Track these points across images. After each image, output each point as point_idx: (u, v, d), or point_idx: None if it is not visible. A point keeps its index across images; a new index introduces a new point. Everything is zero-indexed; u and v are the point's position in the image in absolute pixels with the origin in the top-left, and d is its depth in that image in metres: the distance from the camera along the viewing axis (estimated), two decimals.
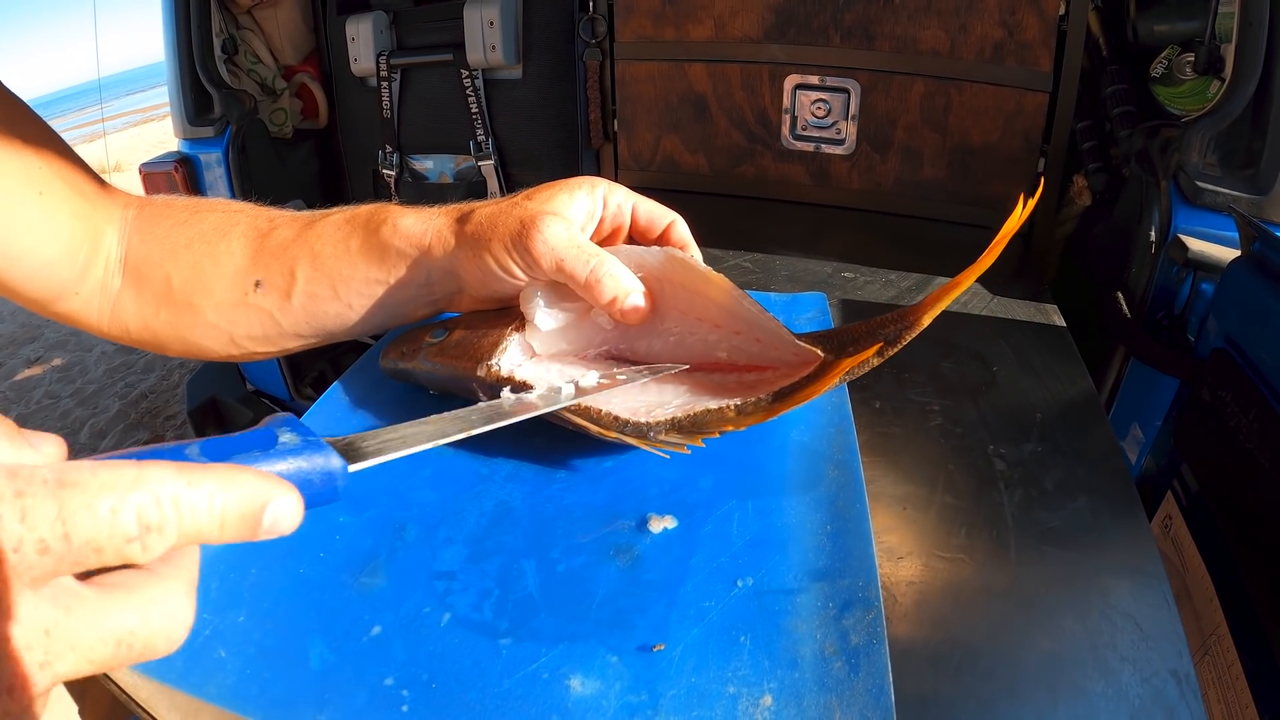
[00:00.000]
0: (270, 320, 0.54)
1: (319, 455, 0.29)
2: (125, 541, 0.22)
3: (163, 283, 0.54)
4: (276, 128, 1.64)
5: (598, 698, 0.36)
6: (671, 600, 0.40)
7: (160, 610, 0.24)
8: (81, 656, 0.22)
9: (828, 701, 0.35)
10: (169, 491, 0.22)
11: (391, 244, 0.52)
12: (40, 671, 0.21)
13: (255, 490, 0.25)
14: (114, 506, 0.21)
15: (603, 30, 1.30)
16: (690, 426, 0.47)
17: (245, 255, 0.53)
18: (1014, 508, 0.49)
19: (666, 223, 0.53)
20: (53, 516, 0.20)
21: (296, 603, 0.42)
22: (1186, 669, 0.39)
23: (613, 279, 0.48)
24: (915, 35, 1.09)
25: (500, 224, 0.49)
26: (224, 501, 0.24)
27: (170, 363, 3.13)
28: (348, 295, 0.53)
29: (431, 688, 0.37)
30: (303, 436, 0.30)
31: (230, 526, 0.24)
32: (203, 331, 0.55)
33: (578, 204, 0.51)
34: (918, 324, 0.45)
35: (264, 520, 0.25)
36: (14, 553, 0.20)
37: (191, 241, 0.54)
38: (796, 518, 0.45)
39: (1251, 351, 0.66)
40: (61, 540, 0.21)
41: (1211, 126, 0.88)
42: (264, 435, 0.29)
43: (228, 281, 0.53)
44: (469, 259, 0.50)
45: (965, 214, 1.13)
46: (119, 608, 0.23)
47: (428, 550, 0.45)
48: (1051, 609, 0.42)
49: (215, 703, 0.37)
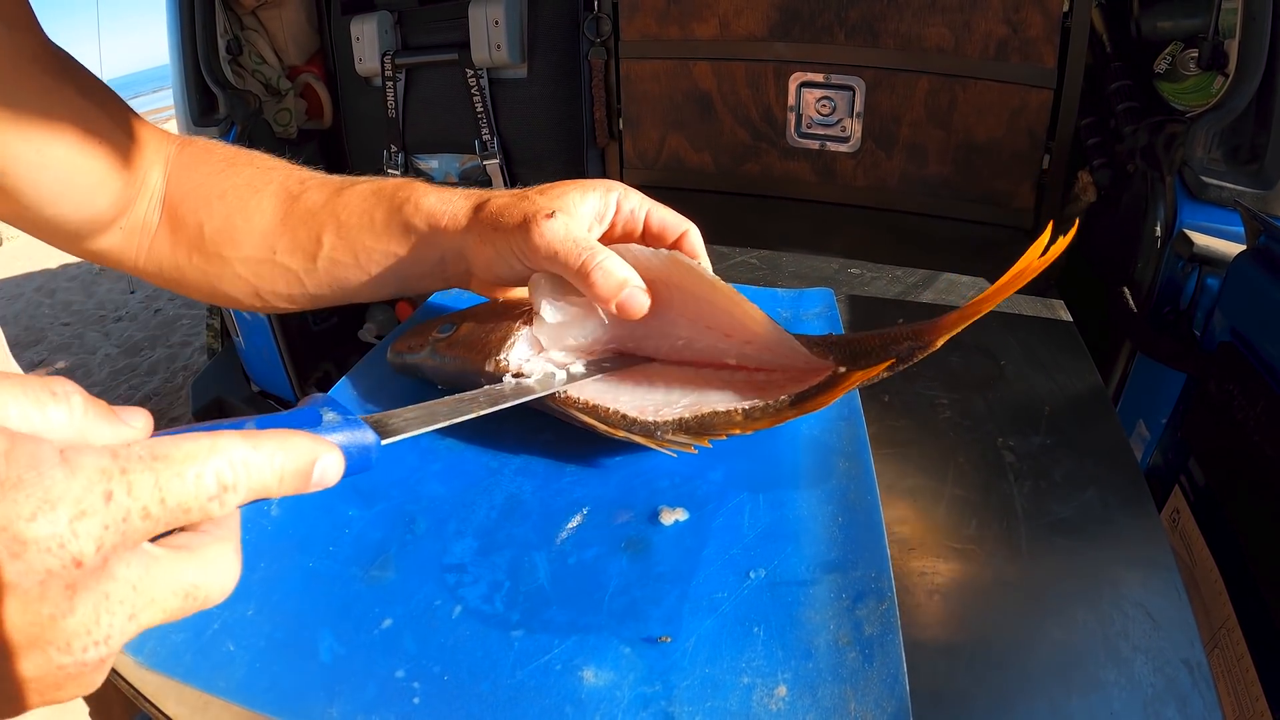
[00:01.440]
0: (295, 279, 0.57)
1: (356, 430, 0.33)
2: (207, 500, 0.25)
3: (195, 229, 0.56)
4: (281, 128, 1.64)
5: (611, 689, 0.36)
6: (684, 592, 0.40)
7: (216, 566, 0.27)
8: (159, 608, 0.25)
9: (842, 691, 0.35)
10: (239, 455, 0.26)
11: (412, 222, 0.54)
12: (129, 622, 0.24)
13: (307, 449, 0.29)
14: (198, 472, 0.25)
15: (607, 29, 1.30)
16: (697, 427, 0.47)
17: (275, 215, 0.56)
18: (1024, 499, 0.49)
19: (680, 232, 0.54)
20: (151, 485, 0.24)
21: (306, 596, 0.42)
22: (1199, 658, 0.39)
23: (606, 271, 0.48)
24: (920, 32, 1.09)
25: (509, 214, 0.51)
26: (282, 460, 0.28)
27: (173, 365, 3.14)
28: (368, 264, 0.55)
29: (443, 680, 0.37)
30: (342, 415, 0.34)
31: (288, 480, 0.28)
32: (230, 282, 0.57)
33: (588, 203, 0.52)
34: (931, 345, 0.45)
35: (314, 474, 0.29)
36: (123, 522, 0.23)
37: (225, 193, 0.56)
38: (808, 510, 0.45)
39: (1258, 344, 0.66)
40: (159, 505, 0.24)
41: (1215, 122, 0.88)
42: (309, 414, 0.33)
43: (257, 238, 0.56)
44: (477, 244, 0.52)
45: (970, 210, 1.13)
46: (185, 565, 0.26)
47: (438, 543, 0.45)
48: (1063, 599, 0.42)
49: (224, 697, 0.37)
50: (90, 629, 0.23)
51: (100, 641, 0.23)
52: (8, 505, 0.21)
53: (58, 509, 0.22)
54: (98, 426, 0.25)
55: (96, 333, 3.67)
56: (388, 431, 0.38)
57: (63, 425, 0.24)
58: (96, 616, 0.23)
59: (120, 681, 0.39)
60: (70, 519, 0.22)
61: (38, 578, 0.22)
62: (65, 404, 0.25)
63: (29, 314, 4.06)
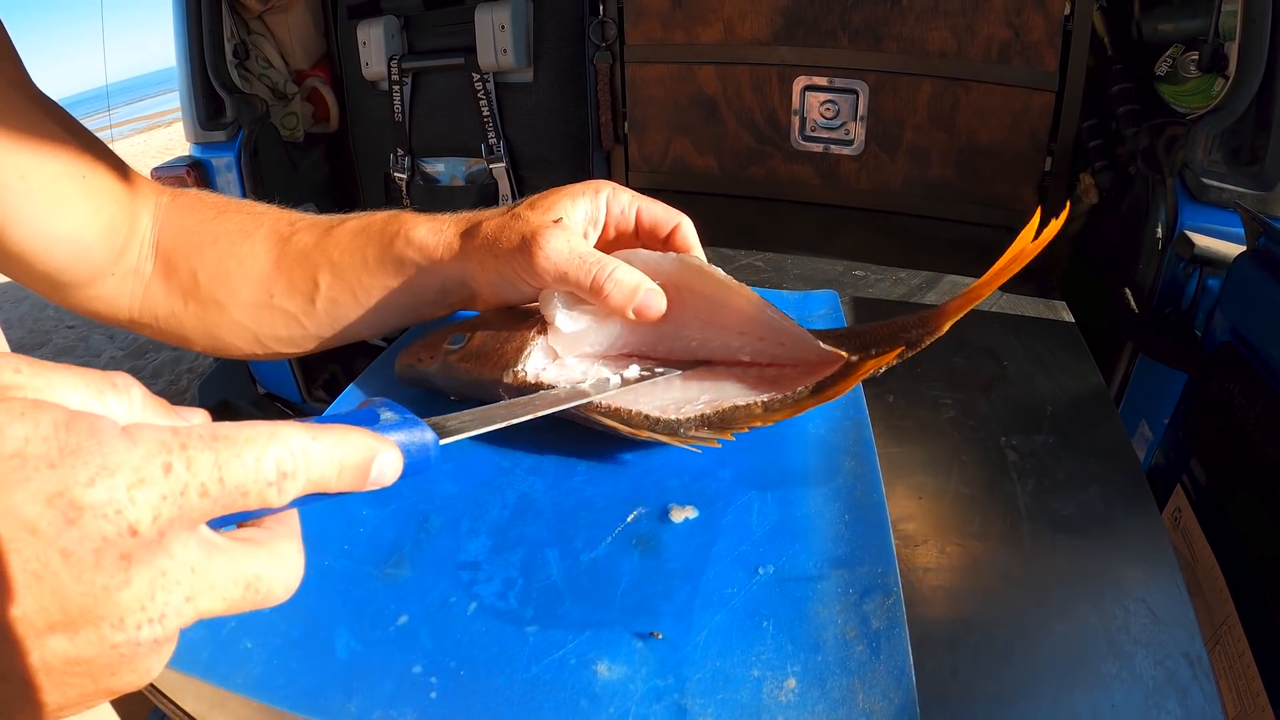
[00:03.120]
0: (295, 322, 0.56)
1: (415, 430, 0.33)
2: (266, 485, 0.25)
3: (189, 275, 0.55)
4: (288, 132, 1.65)
5: (624, 682, 0.37)
6: (695, 588, 0.41)
7: (281, 561, 0.27)
8: (218, 595, 0.25)
9: (850, 684, 0.36)
10: (299, 444, 0.26)
11: (406, 256, 0.53)
12: (186, 604, 0.24)
13: (366, 445, 0.29)
14: (258, 456, 0.25)
15: (613, 33, 1.31)
16: (719, 422, 0.47)
17: (269, 258, 0.55)
18: (1027, 497, 0.50)
19: (672, 225, 0.54)
20: (210, 463, 0.23)
21: (322, 594, 0.42)
22: (1199, 651, 0.39)
23: (618, 282, 0.48)
24: (922, 36, 1.10)
25: (504, 238, 0.50)
26: (342, 454, 0.27)
27: (178, 368, 3.15)
28: (367, 302, 0.55)
29: (459, 675, 0.37)
30: (401, 415, 0.33)
31: (346, 475, 0.28)
32: (229, 329, 0.56)
33: (579, 210, 0.52)
34: (938, 329, 0.46)
35: (372, 471, 0.29)
36: (180, 496, 0.23)
37: (217, 239, 0.55)
38: (815, 508, 0.46)
39: (1258, 344, 0.67)
40: (218, 484, 0.24)
41: (1216, 124, 0.89)
42: (368, 413, 0.33)
43: (253, 283, 0.55)
44: (479, 271, 0.52)
45: (973, 213, 1.13)
46: (249, 556, 0.26)
47: (452, 541, 0.45)
48: (1066, 594, 0.43)
49: (242, 693, 0.37)
50: (145, 604, 0.23)
51: (155, 619, 0.23)
52: (65, 471, 0.21)
53: (116, 475, 0.22)
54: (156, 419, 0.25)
55: (101, 335, 3.68)
56: (446, 432, 0.37)
57: (122, 415, 0.24)
58: (152, 592, 0.23)
59: None
60: (129, 486, 0.22)
61: (93, 545, 0.21)
62: (125, 395, 0.25)
63: (34, 316, 4.07)
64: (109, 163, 0.53)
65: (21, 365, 0.23)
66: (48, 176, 0.49)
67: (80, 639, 0.22)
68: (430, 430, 0.34)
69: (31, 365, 0.23)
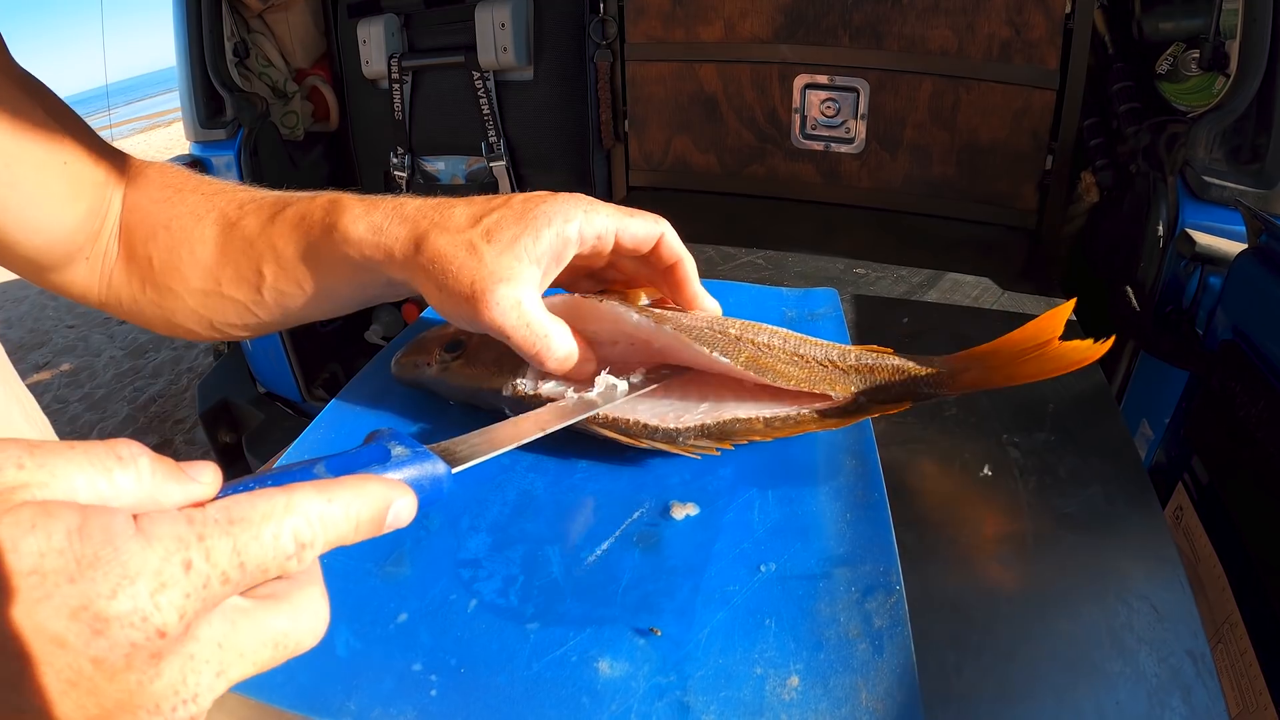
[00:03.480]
0: (246, 310, 0.55)
1: (427, 463, 0.34)
2: (285, 559, 0.26)
3: (145, 261, 0.55)
4: (288, 130, 1.64)
5: (626, 679, 0.37)
6: (696, 585, 0.41)
7: (305, 612, 0.28)
8: (248, 661, 0.26)
9: (853, 682, 0.36)
10: (316, 511, 0.27)
11: (346, 254, 0.50)
12: (217, 679, 0.25)
13: (381, 496, 0.29)
14: (275, 533, 0.25)
15: (613, 31, 1.31)
16: (718, 433, 0.47)
17: (215, 245, 0.54)
18: (1029, 494, 0.50)
19: (654, 240, 0.51)
20: (229, 550, 0.24)
21: None
22: (1202, 649, 0.39)
23: (552, 354, 0.48)
24: (923, 34, 1.10)
25: (452, 273, 0.46)
26: (358, 510, 0.28)
27: (179, 368, 3.15)
28: (313, 292, 0.53)
29: (460, 672, 0.37)
30: (411, 449, 0.34)
31: (363, 529, 0.29)
32: (184, 315, 0.56)
33: (541, 247, 0.47)
34: (950, 393, 0.47)
35: (388, 519, 0.29)
36: (204, 589, 0.23)
37: (170, 223, 0.54)
38: (817, 506, 0.46)
39: (1260, 343, 0.67)
40: (238, 570, 0.24)
41: (1217, 122, 0.89)
42: (378, 450, 0.33)
43: (201, 271, 0.54)
44: (425, 286, 0.48)
45: (974, 211, 1.13)
46: (273, 615, 0.27)
47: (452, 538, 0.45)
48: (1069, 591, 0.43)
49: (240, 691, 0.36)
50: (178, 689, 0.23)
51: (189, 700, 0.24)
52: (86, 584, 0.21)
53: (137, 583, 0.22)
54: (167, 487, 0.25)
55: (101, 335, 3.68)
56: (456, 460, 0.38)
57: (131, 490, 0.24)
58: (184, 677, 0.23)
59: None
60: (151, 592, 0.22)
61: (123, 651, 0.22)
62: (133, 467, 0.24)
63: (34, 316, 4.07)
64: (89, 145, 0.52)
65: (24, 459, 0.23)
66: (31, 165, 0.48)
67: None
68: (442, 462, 0.34)
69: (33, 455, 0.23)
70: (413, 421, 0.55)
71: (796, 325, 0.67)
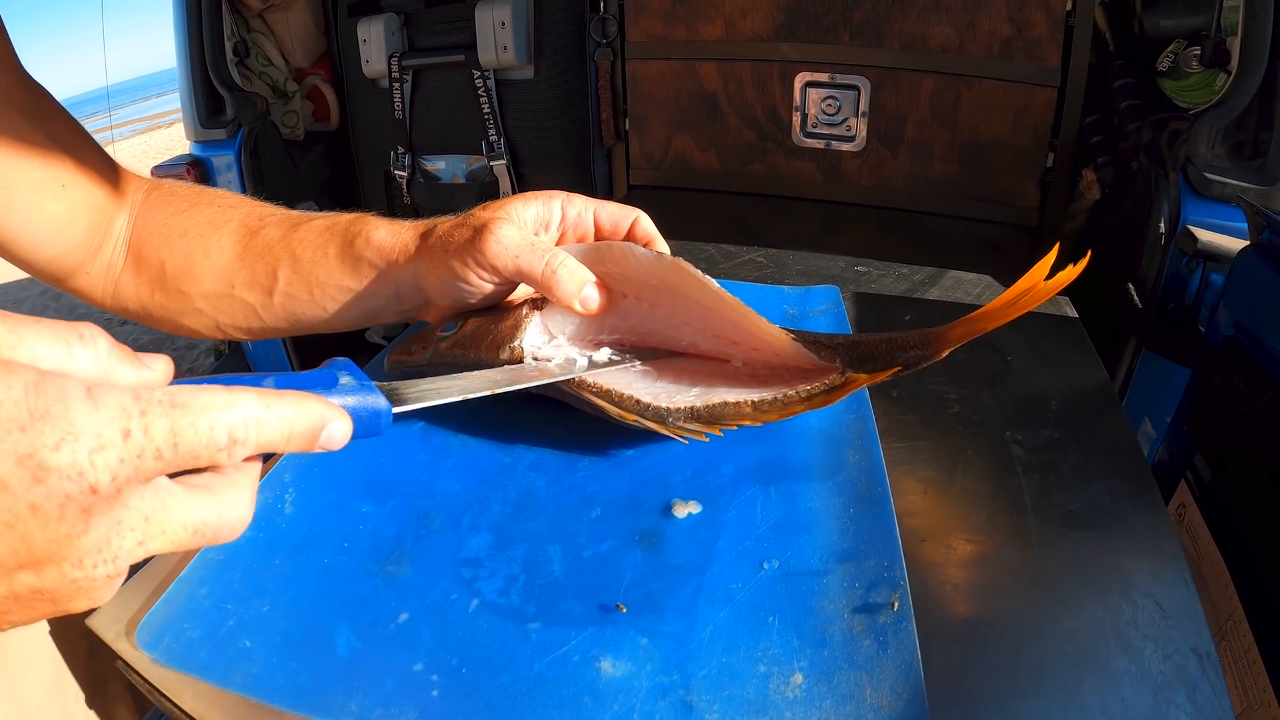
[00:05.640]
0: (253, 313, 0.58)
1: (370, 396, 0.34)
2: (216, 450, 0.27)
3: (158, 267, 0.57)
4: (288, 130, 1.64)
5: (629, 679, 0.36)
6: (699, 583, 0.41)
7: (230, 509, 0.30)
8: (168, 539, 0.28)
9: (858, 678, 0.36)
10: (254, 413, 0.28)
11: (364, 256, 0.54)
12: (138, 547, 0.27)
13: (317, 414, 0.31)
14: (211, 424, 0.27)
15: (614, 30, 1.31)
16: (708, 416, 0.47)
17: (234, 250, 0.57)
18: (1033, 491, 0.50)
19: (630, 221, 0.54)
20: (166, 430, 0.26)
21: (322, 592, 0.42)
22: (1207, 646, 0.39)
23: (568, 271, 0.50)
24: (924, 32, 1.09)
25: (456, 234, 0.51)
26: (292, 421, 0.30)
27: (180, 367, 3.12)
28: (322, 299, 0.56)
29: (461, 672, 0.37)
30: (358, 379, 0.35)
31: (295, 440, 0.30)
32: (192, 316, 0.59)
33: (530, 211, 0.53)
34: (937, 354, 0.46)
35: (320, 437, 0.31)
36: (137, 459, 0.25)
37: (187, 231, 0.57)
38: (819, 502, 0.46)
39: (1262, 339, 0.67)
40: (172, 449, 0.26)
41: (1218, 119, 0.89)
42: (327, 375, 0.34)
43: (215, 274, 0.57)
44: (430, 270, 0.52)
45: (975, 209, 1.13)
46: (200, 505, 0.29)
47: (453, 538, 0.45)
48: (1073, 588, 0.43)
49: (241, 692, 0.37)
50: (101, 548, 0.26)
51: (109, 560, 0.26)
52: (34, 435, 0.23)
53: (80, 441, 0.24)
54: (121, 369, 0.27)
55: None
56: (401, 400, 0.38)
57: (88, 366, 0.26)
58: (108, 538, 0.26)
59: (135, 677, 0.39)
60: (90, 451, 0.24)
61: (58, 501, 0.24)
62: (92, 346, 0.26)
63: (35, 316, 4.07)
64: (91, 167, 0.55)
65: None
66: (29, 187, 0.51)
67: (45, 575, 0.25)
68: (383, 397, 0.35)
69: (5, 321, 0.25)
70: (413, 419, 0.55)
71: (798, 322, 0.67)
